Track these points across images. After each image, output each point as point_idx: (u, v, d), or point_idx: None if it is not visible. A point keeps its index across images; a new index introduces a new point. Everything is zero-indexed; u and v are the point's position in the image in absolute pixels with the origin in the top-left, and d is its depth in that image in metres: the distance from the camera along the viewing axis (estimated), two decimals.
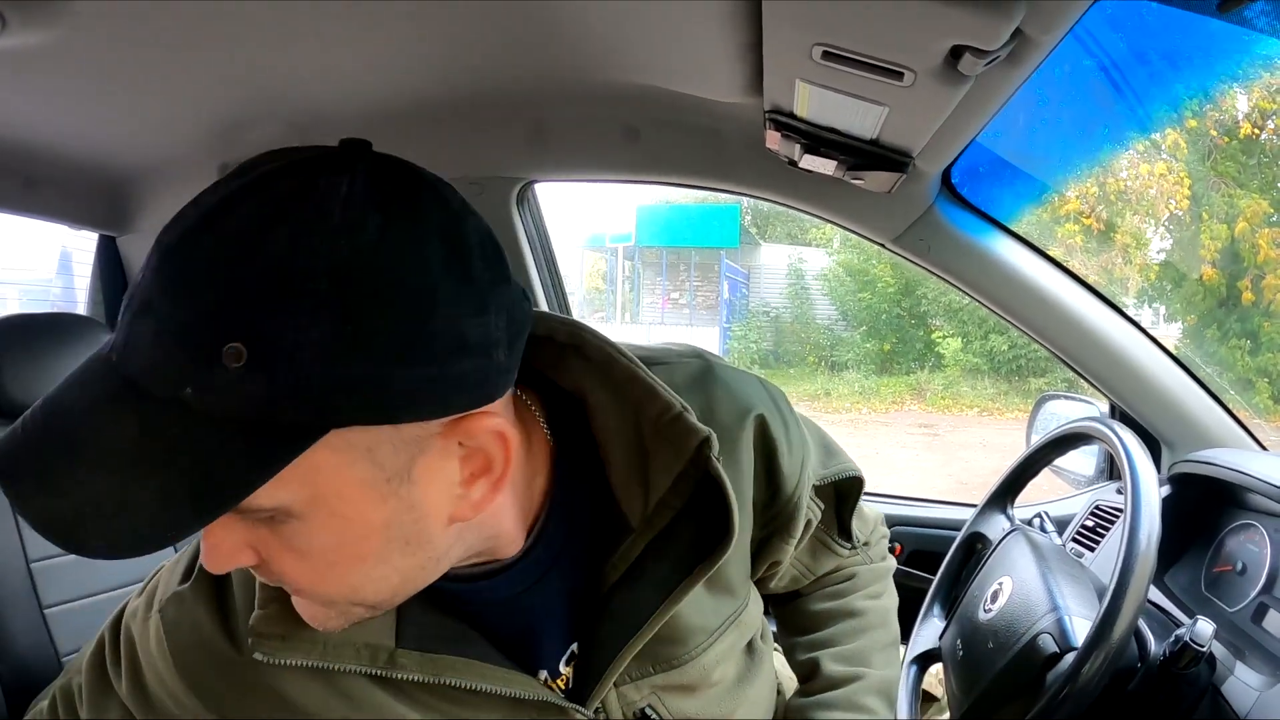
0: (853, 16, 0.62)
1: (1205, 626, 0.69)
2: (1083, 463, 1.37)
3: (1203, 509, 1.04)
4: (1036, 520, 0.94)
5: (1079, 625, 0.69)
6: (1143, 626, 0.72)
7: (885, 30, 0.63)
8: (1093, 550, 1.16)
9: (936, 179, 1.11)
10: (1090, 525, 1.20)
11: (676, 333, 10.16)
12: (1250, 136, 7.14)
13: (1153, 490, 0.70)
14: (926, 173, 1.02)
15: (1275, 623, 0.85)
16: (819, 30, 0.65)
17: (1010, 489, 0.96)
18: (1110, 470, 1.34)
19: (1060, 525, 1.11)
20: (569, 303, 1.62)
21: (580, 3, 0.84)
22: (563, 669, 0.59)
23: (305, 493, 0.42)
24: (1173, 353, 1.21)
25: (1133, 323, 1.20)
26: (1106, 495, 1.24)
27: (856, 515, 0.79)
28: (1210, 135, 6.99)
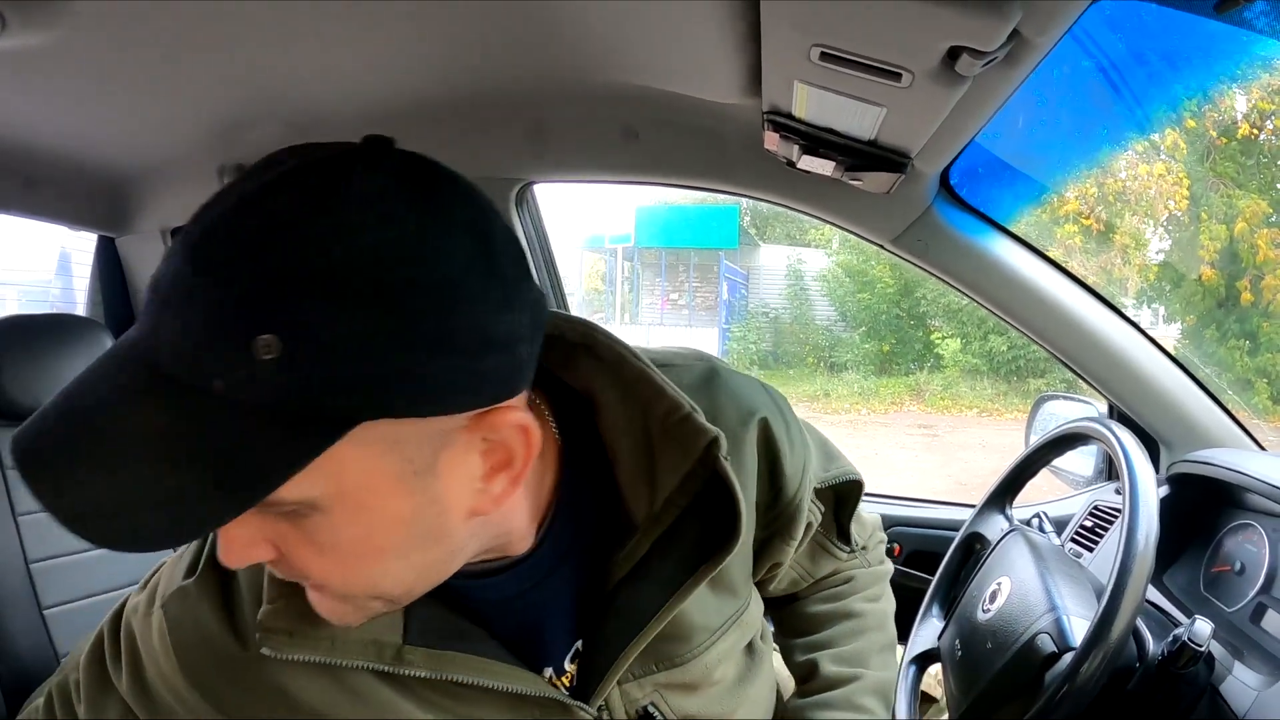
0: (851, 17, 0.62)
1: (1203, 626, 0.69)
2: (1081, 463, 1.37)
3: (1201, 509, 1.04)
4: (1035, 520, 0.94)
5: (1077, 625, 0.70)
6: (1141, 626, 0.72)
7: (883, 31, 0.63)
8: (1091, 550, 1.16)
9: (935, 180, 1.11)
10: (1089, 525, 1.21)
11: (675, 334, 10.16)
12: (1249, 137, 7.15)
13: (1151, 490, 0.70)
14: (925, 173, 1.02)
15: (1274, 622, 0.85)
16: (817, 31, 0.66)
17: (1009, 489, 0.97)
18: (1109, 471, 1.34)
19: (1059, 525, 1.11)
20: (568, 303, 1.62)
21: (579, 3, 0.84)
22: (567, 666, 0.59)
23: (331, 486, 0.42)
24: (1171, 353, 1.21)
25: (1131, 323, 1.20)
26: (1105, 495, 1.24)
27: (855, 519, 0.80)
28: (1209, 136, 7.00)
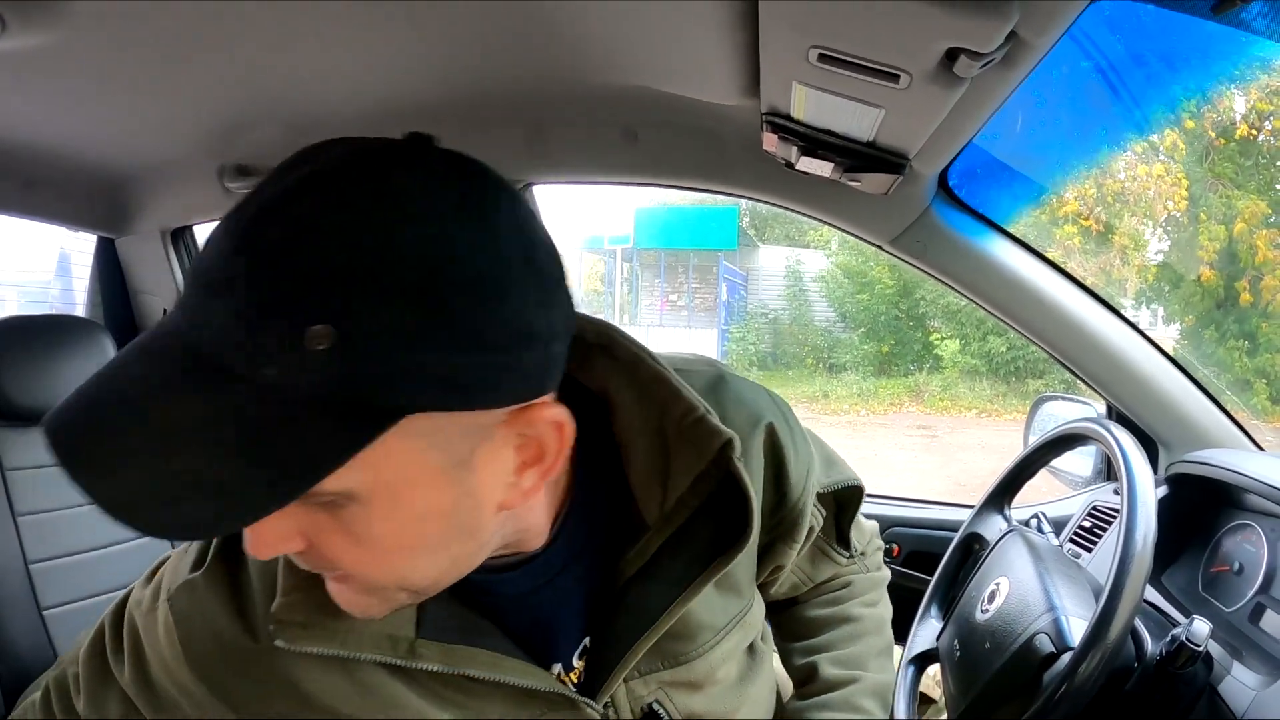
0: (849, 19, 0.63)
1: (1201, 626, 0.69)
2: (1080, 464, 1.37)
3: (1200, 509, 1.04)
4: (1034, 521, 0.94)
5: (1076, 625, 0.70)
6: (1139, 626, 0.72)
7: (881, 33, 0.63)
8: (1090, 551, 1.16)
9: (933, 181, 1.12)
10: (1087, 526, 1.21)
11: (674, 335, 10.16)
12: (1248, 137, 7.15)
13: (1149, 491, 0.70)
14: (923, 174, 1.02)
15: (1272, 622, 0.86)
16: (815, 33, 0.66)
17: (1007, 490, 0.97)
18: (1108, 471, 1.34)
19: (1057, 526, 1.11)
20: None
21: (579, 5, 0.84)
22: (575, 663, 0.60)
23: (372, 477, 0.42)
24: (1169, 354, 1.21)
25: (1129, 324, 1.20)
26: (1104, 496, 1.24)
27: (855, 526, 0.82)
28: (1208, 136, 7.00)
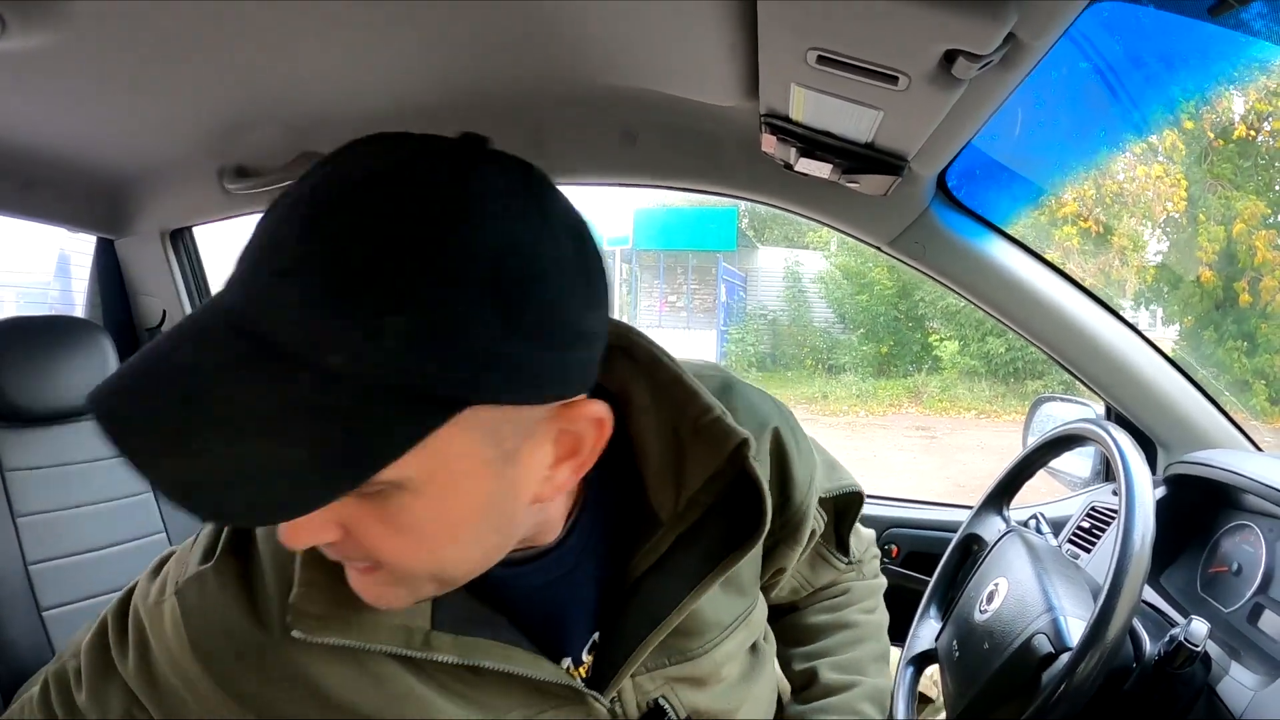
0: (847, 21, 0.63)
1: (1199, 626, 0.69)
2: (1079, 464, 1.37)
3: (1198, 510, 1.04)
4: (1032, 522, 0.94)
5: (1074, 625, 0.70)
6: (1138, 627, 0.72)
7: (879, 34, 0.63)
8: (1088, 551, 1.16)
9: (932, 182, 1.12)
10: (1086, 526, 1.21)
11: (673, 336, 10.15)
12: (1246, 138, 7.16)
13: (1147, 491, 0.71)
14: (922, 176, 1.02)
15: (1270, 623, 0.86)
16: (814, 34, 0.66)
17: (1006, 491, 0.97)
18: (1106, 472, 1.34)
19: (1056, 527, 1.12)
20: None
21: (578, 6, 0.84)
22: (584, 657, 0.61)
23: (426, 467, 0.42)
24: (1168, 354, 1.21)
25: (1128, 325, 1.20)
26: (1102, 497, 1.24)
27: (854, 532, 0.83)
28: (1206, 137, 7.01)
